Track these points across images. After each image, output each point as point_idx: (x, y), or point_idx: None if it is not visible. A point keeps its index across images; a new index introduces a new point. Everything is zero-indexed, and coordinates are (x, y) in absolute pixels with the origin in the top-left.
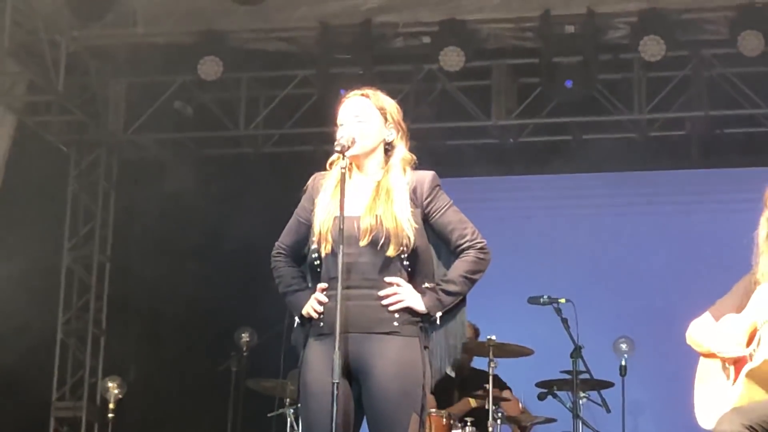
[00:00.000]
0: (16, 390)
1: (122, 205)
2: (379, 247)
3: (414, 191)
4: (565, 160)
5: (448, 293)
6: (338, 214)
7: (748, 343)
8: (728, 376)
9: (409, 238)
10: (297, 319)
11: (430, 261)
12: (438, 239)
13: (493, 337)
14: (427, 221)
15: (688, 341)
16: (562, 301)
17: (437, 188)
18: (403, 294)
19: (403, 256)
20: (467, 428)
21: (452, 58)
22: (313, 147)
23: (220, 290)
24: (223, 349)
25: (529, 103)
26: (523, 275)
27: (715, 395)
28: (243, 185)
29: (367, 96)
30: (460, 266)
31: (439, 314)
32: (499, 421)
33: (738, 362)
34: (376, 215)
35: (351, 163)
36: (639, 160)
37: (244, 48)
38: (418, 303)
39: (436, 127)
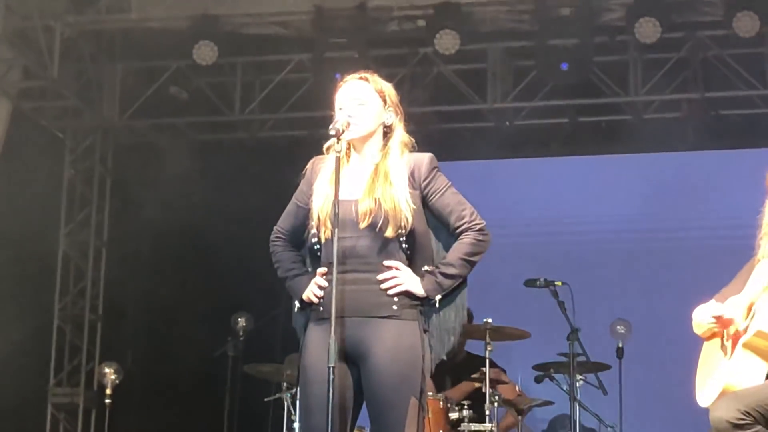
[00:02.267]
0: (13, 376)
1: (118, 191)
2: (377, 230)
3: (412, 173)
4: (561, 142)
5: (447, 276)
6: (337, 197)
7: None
8: (726, 353)
9: (407, 219)
10: (297, 304)
11: (429, 244)
12: (437, 221)
13: (490, 321)
14: (425, 204)
15: (694, 326)
16: (559, 283)
17: (435, 170)
18: (401, 278)
19: (402, 239)
20: (464, 411)
21: (447, 42)
22: (308, 131)
23: (217, 275)
24: (220, 334)
25: (525, 86)
26: (519, 258)
27: (712, 372)
28: (239, 170)
29: (366, 79)
30: (459, 248)
31: (438, 297)
32: (496, 405)
33: (735, 337)
34: (375, 198)
35: (349, 147)
36: (635, 143)
37: (239, 32)
38: (417, 287)
39: (431, 111)
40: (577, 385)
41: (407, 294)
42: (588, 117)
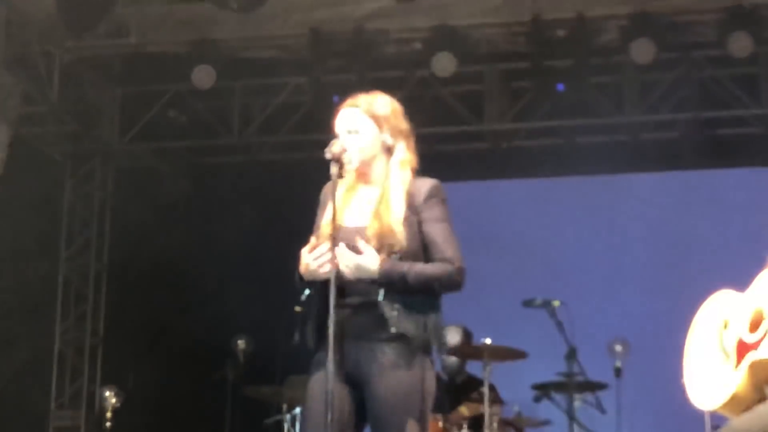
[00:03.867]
0: (14, 399)
1: (118, 215)
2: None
3: (412, 197)
4: (558, 163)
5: (403, 273)
6: (341, 223)
7: (752, 328)
8: (727, 357)
9: (401, 242)
10: (306, 293)
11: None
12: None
13: (488, 341)
14: (420, 228)
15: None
16: (556, 303)
17: (434, 198)
18: (352, 265)
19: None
20: (463, 430)
21: (444, 64)
22: (307, 154)
23: (217, 297)
24: (220, 357)
25: (522, 107)
26: (516, 278)
27: (712, 376)
28: (237, 193)
29: (357, 105)
30: (429, 267)
31: (381, 291)
32: (495, 425)
33: (741, 346)
34: (379, 223)
35: (357, 174)
36: (631, 163)
37: (237, 56)
38: (372, 263)
39: (428, 133)
40: (576, 404)
41: (406, 320)
42: (584, 137)
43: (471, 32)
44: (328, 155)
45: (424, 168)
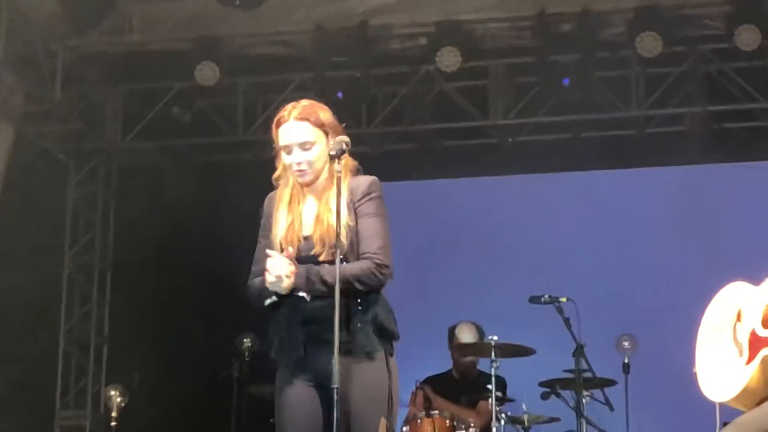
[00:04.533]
0: (20, 399)
1: (122, 213)
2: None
3: (351, 195)
4: (565, 158)
5: (321, 280)
6: (295, 235)
7: (765, 323)
8: (740, 352)
9: (343, 244)
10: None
11: None
12: None
13: (495, 338)
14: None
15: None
16: (564, 300)
17: (370, 195)
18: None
19: (344, 263)
20: (471, 429)
21: (449, 59)
22: None
23: (222, 296)
24: (225, 356)
25: (527, 102)
26: (523, 275)
27: (725, 368)
28: (242, 190)
29: (306, 119)
30: (350, 266)
31: (303, 294)
32: (503, 422)
33: (754, 340)
34: (320, 228)
35: (303, 186)
36: (638, 157)
37: (240, 53)
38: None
39: (433, 128)
40: (584, 401)
41: (370, 321)
42: (591, 132)
43: (476, 27)
44: (332, 152)
45: (430, 164)
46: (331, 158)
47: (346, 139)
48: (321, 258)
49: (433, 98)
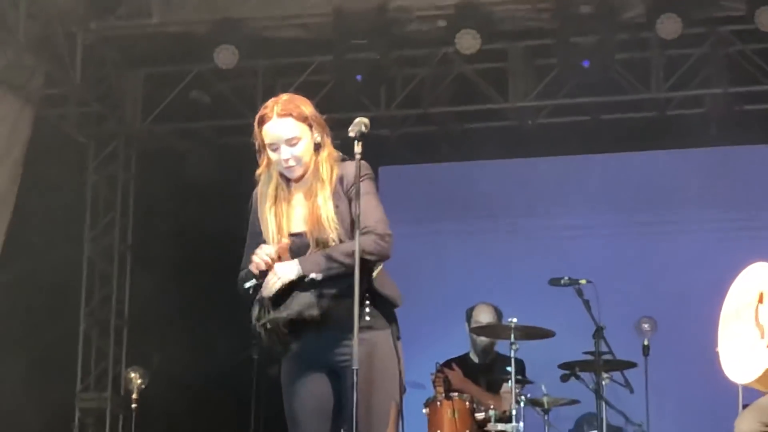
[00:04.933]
0: (40, 382)
1: (141, 195)
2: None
3: (341, 181)
4: (584, 140)
5: (328, 258)
6: (285, 232)
7: None
8: (762, 334)
9: (331, 237)
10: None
11: None
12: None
13: (515, 320)
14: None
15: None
16: (583, 282)
17: (364, 176)
18: (277, 274)
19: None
20: (490, 412)
21: (468, 41)
22: (332, 133)
23: None
24: (245, 337)
25: (547, 84)
26: (543, 257)
27: (747, 350)
28: None
29: (289, 114)
30: (351, 242)
31: (315, 276)
32: (522, 404)
33: None
34: (311, 224)
35: (287, 180)
36: (658, 139)
37: (259, 36)
38: (291, 272)
39: (452, 111)
40: (603, 383)
41: (379, 304)
42: (610, 114)
43: (495, 9)
44: (352, 133)
45: (448, 147)
46: (353, 139)
47: (365, 120)
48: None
49: (452, 81)
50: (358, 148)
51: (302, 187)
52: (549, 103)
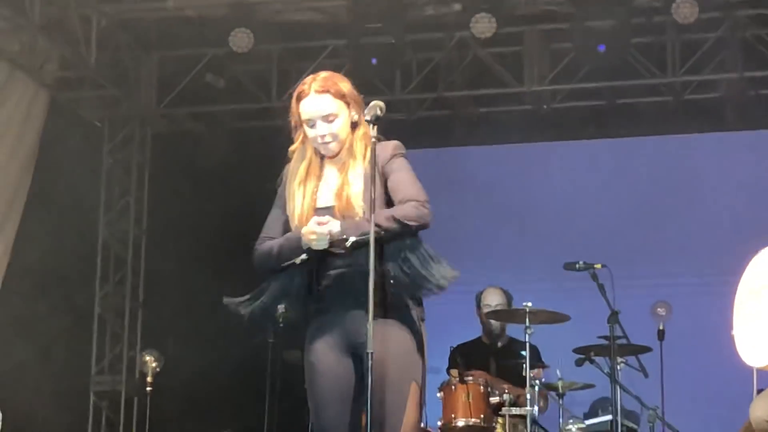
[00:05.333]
0: (55, 365)
1: (156, 179)
2: None
3: (377, 161)
4: (600, 125)
5: (373, 219)
6: (311, 208)
7: None
8: None
9: (359, 215)
10: (302, 257)
11: None
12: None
13: (529, 304)
14: (386, 186)
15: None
16: (598, 266)
17: (396, 155)
18: (327, 227)
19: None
20: (504, 395)
21: (484, 25)
22: None
23: None
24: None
25: (562, 68)
26: (558, 241)
27: (762, 333)
28: (276, 156)
29: (327, 91)
30: (394, 208)
31: (352, 238)
32: (536, 388)
33: None
34: (340, 201)
35: (322, 157)
36: (673, 124)
37: (274, 19)
38: (336, 226)
39: (468, 95)
40: (618, 367)
41: (401, 290)
42: (626, 99)
43: None
44: (367, 117)
45: (462, 131)
46: (369, 123)
47: (380, 104)
48: None
49: (467, 65)
50: (373, 131)
51: (335, 164)
52: (564, 87)
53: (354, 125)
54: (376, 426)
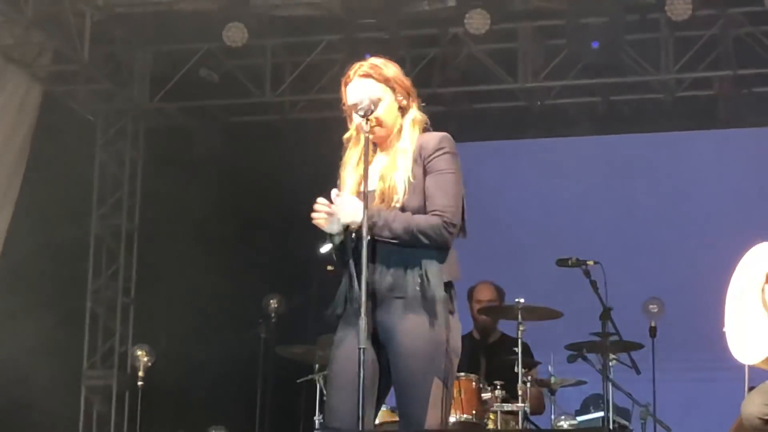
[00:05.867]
0: (47, 360)
1: (149, 173)
2: None
3: (420, 151)
4: (593, 121)
5: (386, 222)
6: (360, 189)
7: None
8: None
9: (397, 199)
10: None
11: None
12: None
13: (521, 300)
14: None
15: None
16: (591, 263)
17: (441, 150)
18: (334, 209)
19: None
20: (497, 392)
21: (478, 21)
22: (339, 112)
23: (249, 257)
24: (252, 316)
25: (556, 65)
26: (550, 237)
27: (753, 331)
28: (269, 152)
29: (369, 75)
30: (418, 218)
31: (368, 224)
32: (528, 384)
33: None
34: (383, 183)
35: (375, 145)
36: (667, 121)
37: (269, 14)
38: (354, 216)
39: (462, 91)
40: (610, 364)
41: (429, 275)
42: (619, 96)
43: None
44: (361, 112)
45: (457, 127)
46: (361, 117)
47: (375, 99)
48: None
49: (461, 61)
50: (366, 126)
51: (386, 149)
52: (558, 83)
53: (402, 110)
54: (403, 420)
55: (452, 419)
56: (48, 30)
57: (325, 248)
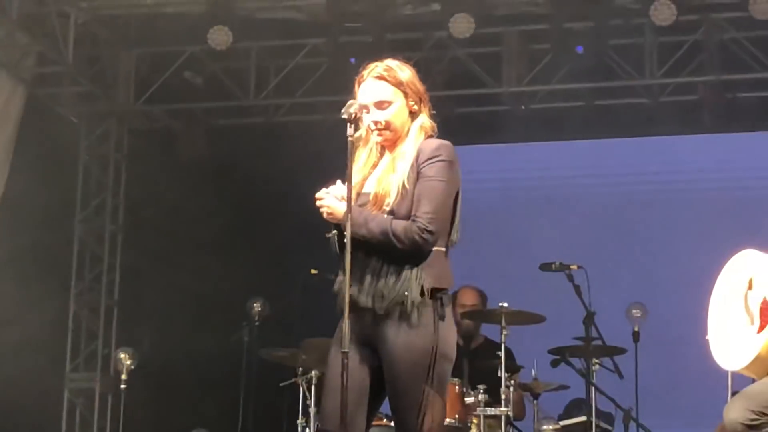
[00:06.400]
0: (30, 362)
1: (133, 176)
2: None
3: (417, 155)
4: (577, 126)
5: (365, 221)
6: (358, 190)
7: None
8: (752, 320)
9: (388, 203)
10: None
11: None
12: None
13: (505, 305)
14: None
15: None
16: (574, 267)
17: (436, 158)
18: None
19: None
20: (480, 396)
21: (462, 25)
22: (324, 116)
23: (232, 260)
24: (235, 319)
25: (540, 69)
26: (534, 242)
27: (736, 337)
28: (254, 155)
29: (383, 77)
30: (397, 223)
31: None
32: (511, 389)
33: (766, 308)
34: (378, 186)
35: (383, 147)
36: (651, 126)
37: (253, 17)
38: (335, 210)
39: (446, 95)
40: (593, 369)
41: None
42: (604, 100)
43: None
44: (344, 116)
45: (442, 131)
46: (345, 121)
47: (355, 104)
48: None
49: (445, 65)
50: (350, 130)
51: (392, 152)
52: (542, 88)
53: (413, 115)
54: (397, 428)
55: None
56: (32, 32)
57: (330, 235)
